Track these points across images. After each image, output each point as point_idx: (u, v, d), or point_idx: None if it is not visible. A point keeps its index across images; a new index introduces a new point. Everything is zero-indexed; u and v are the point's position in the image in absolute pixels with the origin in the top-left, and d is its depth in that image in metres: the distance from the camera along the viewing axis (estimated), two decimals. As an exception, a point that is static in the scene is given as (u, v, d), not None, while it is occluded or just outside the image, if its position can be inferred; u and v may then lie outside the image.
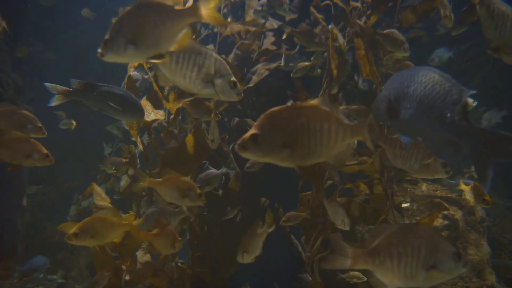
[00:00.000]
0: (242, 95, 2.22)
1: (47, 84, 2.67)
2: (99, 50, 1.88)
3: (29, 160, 2.75)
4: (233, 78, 2.13)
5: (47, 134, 2.90)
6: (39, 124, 2.86)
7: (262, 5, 5.19)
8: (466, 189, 3.43)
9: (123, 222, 2.84)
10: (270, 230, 3.14)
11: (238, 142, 1.66)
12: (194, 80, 2.10)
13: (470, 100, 5.00)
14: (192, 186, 2.92)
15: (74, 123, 6.29)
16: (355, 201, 4.02)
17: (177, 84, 2.15)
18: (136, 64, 3.21)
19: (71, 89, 2.68)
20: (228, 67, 2.16)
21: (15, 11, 7.71)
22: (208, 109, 3.35)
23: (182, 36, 1.97)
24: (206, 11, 1.94)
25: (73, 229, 2.65)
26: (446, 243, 1.94)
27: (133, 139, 3.45)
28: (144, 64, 3.46)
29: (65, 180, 8.22)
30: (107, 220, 2.77)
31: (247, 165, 4.42)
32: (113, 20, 2.03)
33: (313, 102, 1.78)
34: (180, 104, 3.13)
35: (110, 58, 1.91)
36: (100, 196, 3.35)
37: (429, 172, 2.39)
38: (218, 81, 2.12)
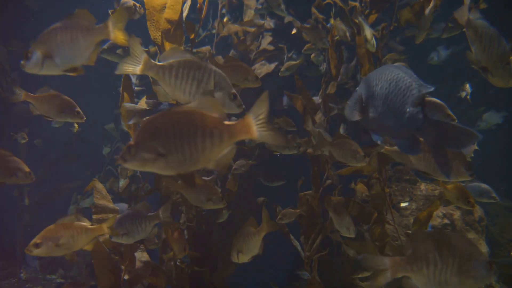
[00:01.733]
0: (243, 107, 2.23)
1: (126, 104, 2.86)
2: (22, 62, 2.09)
3: (13, 178, 2.76)
4: (233, 91, 2.15)
5: (85, 118, 3.07)
6: (78, 109, 3.00)
7: (262, 4, 5.20)
8: (448, 189, 3.21)
9: (92, 227, 2.67)
10: (270, 230, 3.12)
11: (120, 153, 1.68)
12: (194, 95, 2.12)
13: (467, 87, 4.95)
14: (215, 190, 3.09)
15: (76, 125, 6.27)
16: (353, 200, 4.03)
17: (177, 99, 2.17)
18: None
19: (147, 109, 2.85)
20: (228, 80, 2.18)
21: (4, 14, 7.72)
22: None
23: (93, 52, 2.19)
24: (113, 30, 2.15)
25: (34, 239, 2.50)
26: (479, 251, 2.00)
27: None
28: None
29: (64, 180, 8.22)
30: (73, 226, 2.59)
31: (234, 166, 4.39)
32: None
33: (190, 105, 1.72)
34: None
35: (30, 69, 2.11)
36: (101, 194, 3.34)
37: (454, 174, 2.39)
38: (218, 95, 2.13)
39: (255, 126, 1.69)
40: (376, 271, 2.08)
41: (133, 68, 2.09)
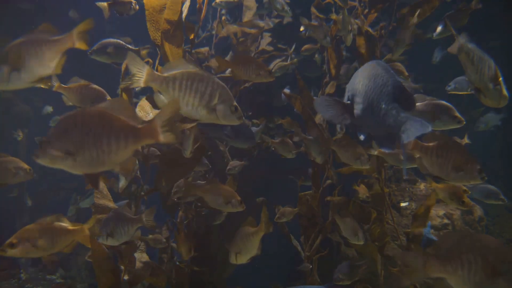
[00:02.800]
0: (244, 119, 2.26)
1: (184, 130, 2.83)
2: None
3: (16, 178, 2.79)
4: (234, 103, 2.18)
5: None
6: (109, 98, 3.02)
7: (264, 4, 5.21)
8: (440, 188, 3.09)
9: (72, 228, 2.55)
10: (268, 231, 3.11)
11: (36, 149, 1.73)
12: (197, 107, 2.13)
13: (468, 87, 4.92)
14: (233, 194, 3.10)
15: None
16: (353, 200, 4.03)
17: (180, 111, 2.17)
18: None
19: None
20: (229, 92, 2.19)
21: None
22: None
23: (58, 61, 2.22)
24: (77, 37, 2.21)
25: (9, 239, 2.39)
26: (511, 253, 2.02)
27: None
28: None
29: (63, 180, 8.22)
30: (53, 227, 2.47)
31: (228, 167, 4.40)
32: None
33: (101, 106, 1.76)
34: None
35: None
36: (101, 193, 3.33)
37: (466, 178, 2.41)
38: (220, 107, 2.15)
39: (160, 130, 1.75)
40: (411, 270, 2.09)
41: (137, 81, 2.10)
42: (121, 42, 4.10)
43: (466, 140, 4.28)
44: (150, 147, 3.52)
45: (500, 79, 2.35)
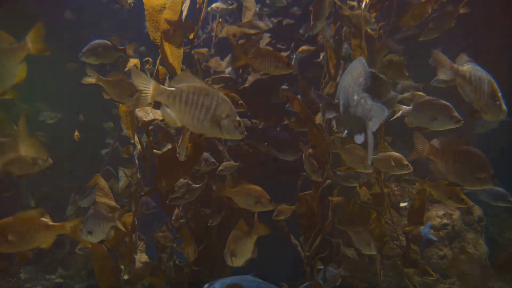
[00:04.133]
0: (246, 133, 2.28)
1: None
2: None
3: (36, 167, 2.78)
4: (238, 118, 2.21)
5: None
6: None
7: (269, 6, 5.22)
8: (434, 188, 3.08)
9: (53, 224, 2.48)
10: (263, 233, 3.11)
11: None
12: (202, 121, 2.15)
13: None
14: (263, 193, 3.12)
15: (77, 134, 6.18)
16: (353, 200, 4.04)
17: (185, 124, 2.20)
18: (131, 64, 3.24)
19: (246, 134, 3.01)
20: (232, 106, 2.21)
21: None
22: None
23: (20, 70, 2.27)
24: (31, 43, 2.26)
25: None
26: None
27: (132, 140, 3.47)
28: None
29: (62, 180, 8.21)
30: (32, 221, 2.37)
31: (220, 168, 4.41)
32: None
33: None
34: None
35: None
36: (103, 192, 3.31)
37: (480, 184, 2.43)
38: (224, 122, 2.17)
39: None
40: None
41: (145, 97, 2.09)
42: (108, 42, 4.13)
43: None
44: (150, 147, 3.52)
45: (499, 94, 2.38)
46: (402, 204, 5.05)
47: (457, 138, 2.47)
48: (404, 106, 3.01)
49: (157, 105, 3.45)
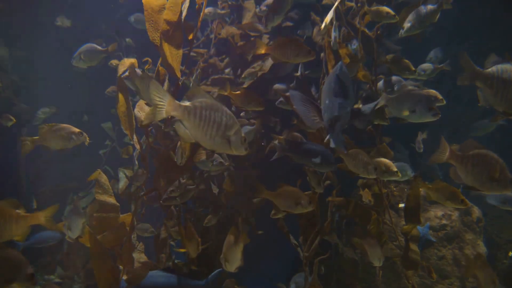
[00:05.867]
0: (249, 150, 2.36)
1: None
2: None
3: (71, 142, 2.84)
4: (243, 134, 2.28)
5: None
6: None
7: (267, 5, 5.23)
8: (433, 190, 3.07)
9: (25, 215, 2.41)
10: (244, 243, 3.23)
11: None
12: (214, 137, 2.20)
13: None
14: (302, 195, 3.21)
15: (87, 138, 6.17)
16: (352, 201, 4.04)
17: (198, 140, 2.24)
18: (127, 64, 3.24)
19: (285, 146, 3.27)
20: (237, 121, 2.27)
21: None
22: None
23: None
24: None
25: None
26: None
27: (131, 141, 3.47)
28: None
29: (60, 180, 8.22)
30: (2, 212, 2.31)
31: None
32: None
33: None
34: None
35: None
36: (103, 189, 3.30)
37: (499, 188, 2.42)
38: (233, 138, 2.23)
39: None
40: None
41: (160, 112, 2.12)
42: (94, 45, 4.31)
43: (424, 136, 4.31)
44: (149, 147, 3.53)
45: None
46: (401, 205, 5.06)
47: (476, 142, 2.46)
48: (385, 94, 2.98)
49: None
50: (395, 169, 3.21)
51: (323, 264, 4.21)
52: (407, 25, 3.49)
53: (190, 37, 3.51)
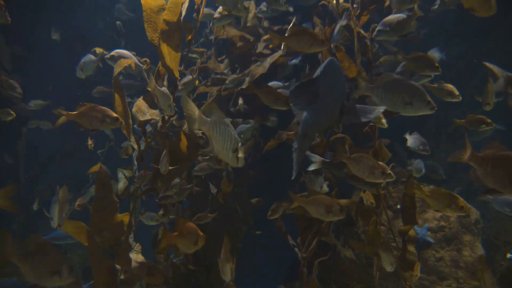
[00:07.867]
0: (244, 163, 2.45)
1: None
2: None
3: (103, 124, 2.87)
4: (241, 131, 2.45)
5: None
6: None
7: (267, 6, 5.25)
8: (431, 197, 2.95)
9: None
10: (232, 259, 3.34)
11: None
12: (228, 151, 2.32)
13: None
14: (334, 202, 3.19)
15: (91, 142, 6.19)
16: (352, 201, 4.04)
17: (218, 153, 2.36)
18: (124, 64, 3.24)
19: (326, 160, 3.41)
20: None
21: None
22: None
23: None
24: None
25: None
26: None
27: (130, 142, 3.47)
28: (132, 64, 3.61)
29: (58, 179, 8.23)
30: None
31: (195, 168, 4.45)
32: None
33: None
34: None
35: None
36: (103, 183, 3.28)
37: None
38: (239, 152, 2.34)
39: None
40: None
41: (191, 123, 2.30)
42: (90, 56, 4.66)
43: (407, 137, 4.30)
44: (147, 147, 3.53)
45: None
46: (399, 206, 5.06)
47: (497, 144, 2.35)
48: (365, 83, 2.79)
49: (153, 104, 3.46)
50: (389, 171, 3.18)
51: (321, 264, 4.20)
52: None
53: (189, 38, 3.52)
